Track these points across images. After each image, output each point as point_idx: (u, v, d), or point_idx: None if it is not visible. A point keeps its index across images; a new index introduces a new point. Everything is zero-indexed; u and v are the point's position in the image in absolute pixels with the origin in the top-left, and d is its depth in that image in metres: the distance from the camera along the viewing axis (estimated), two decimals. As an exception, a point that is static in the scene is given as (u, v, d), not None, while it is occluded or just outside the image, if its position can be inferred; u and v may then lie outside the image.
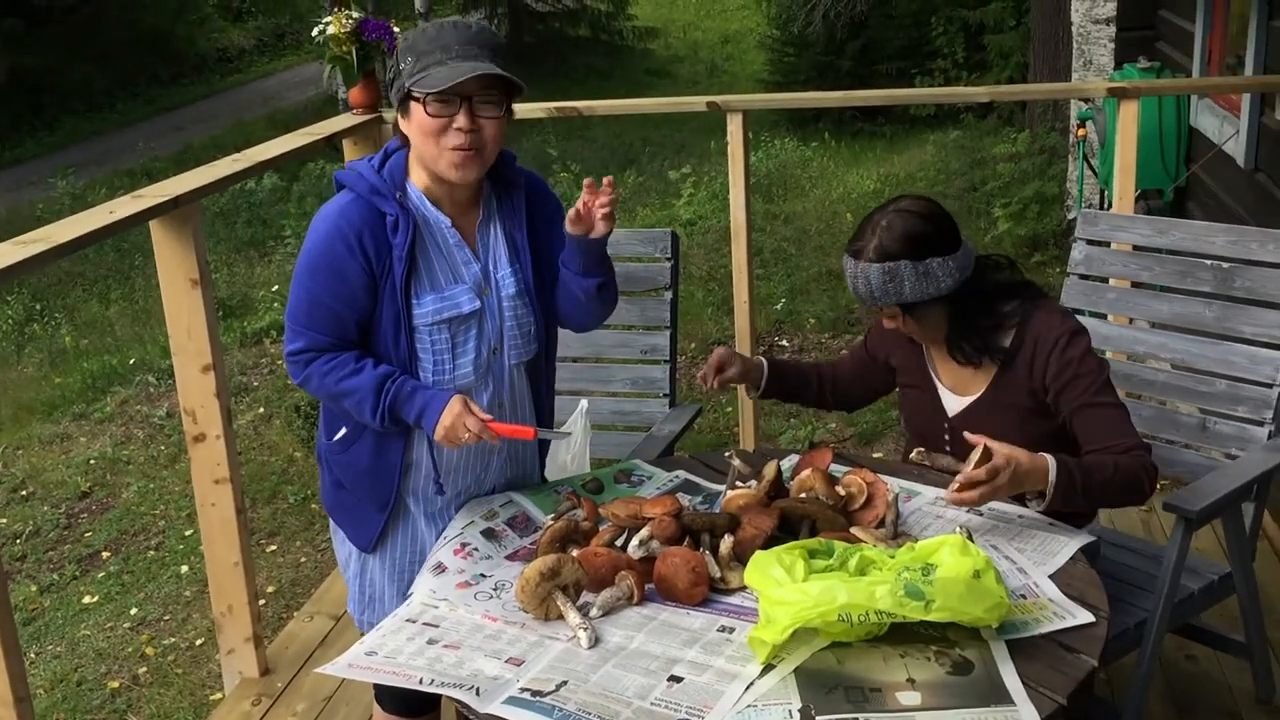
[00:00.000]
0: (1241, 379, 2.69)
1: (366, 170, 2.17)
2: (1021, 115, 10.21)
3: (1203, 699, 2.86)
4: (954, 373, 2.40)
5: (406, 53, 2.10)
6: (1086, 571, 1.99)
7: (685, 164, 10.18)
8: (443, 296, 2.17)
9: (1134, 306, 2.99)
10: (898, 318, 2.30)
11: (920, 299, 2.24)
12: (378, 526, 2.28)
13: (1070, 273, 3.01)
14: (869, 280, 2.24)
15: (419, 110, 2.08)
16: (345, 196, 2.17)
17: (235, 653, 3.17)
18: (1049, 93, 7.56)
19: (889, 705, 1.65)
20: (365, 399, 2.13)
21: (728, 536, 2.02)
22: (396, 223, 2.13)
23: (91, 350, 7.65)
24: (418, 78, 2.07)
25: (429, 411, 2.11)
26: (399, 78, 2.11)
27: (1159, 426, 2.84)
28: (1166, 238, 2.91)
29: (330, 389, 2.16)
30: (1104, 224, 3.05)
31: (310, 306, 2.15)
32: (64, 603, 4.60)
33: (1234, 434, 2.68)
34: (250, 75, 19.28)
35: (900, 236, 2.23)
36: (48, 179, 11.94)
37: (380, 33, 3.64)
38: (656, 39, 18.51)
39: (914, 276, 2.22)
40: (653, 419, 3.06)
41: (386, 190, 2.14)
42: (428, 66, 2.07)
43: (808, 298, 6.99)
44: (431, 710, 2.36)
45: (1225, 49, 5.33)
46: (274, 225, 9.88)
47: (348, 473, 2.28)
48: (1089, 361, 2.24)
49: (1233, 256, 2.76)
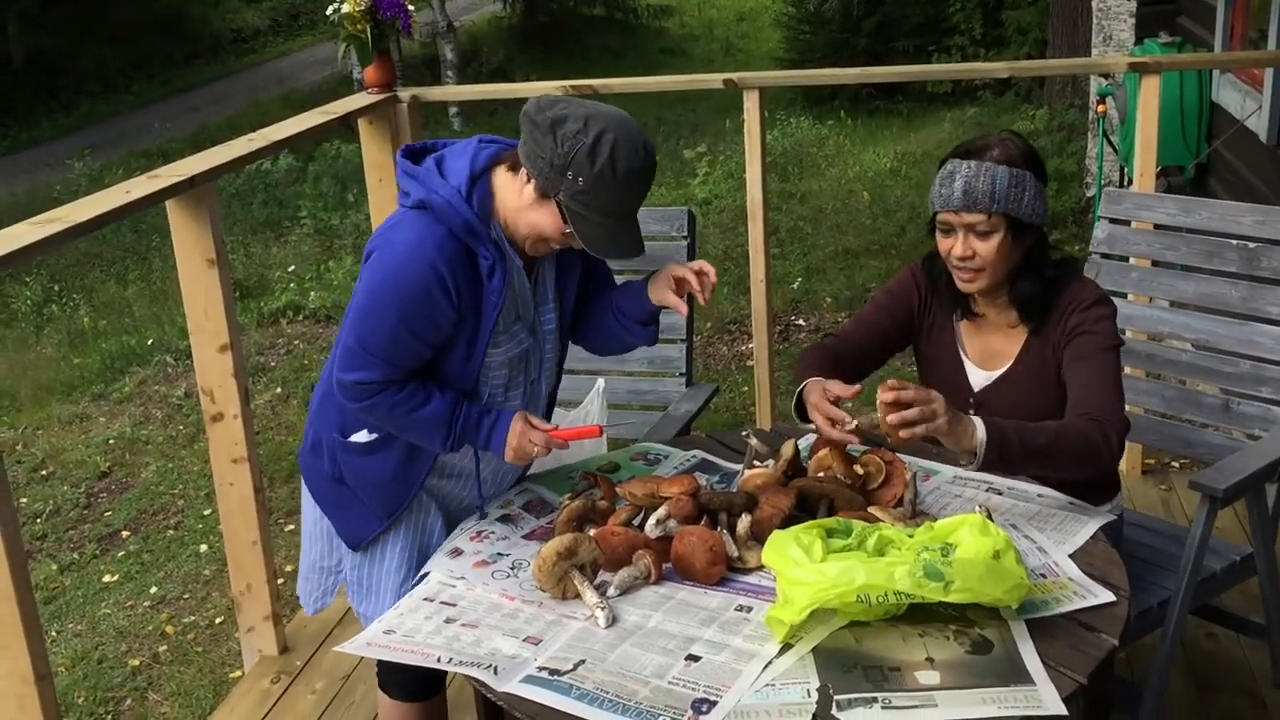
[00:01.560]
0: (1266, 359, 2.66)
1: (458, 202, 2.01)
2: (1040, 92, 10.13)
3: (1223, 678, 2.85)
4: (981, 345, 2.36)
5: (583, 171, 1.92)
6: (1107, 550, 1.98)
7: (700, 143, 10.14)
8: (511, 335, 2.14)
9: (1158, 286, 2.96)
10: (996, 232, 2.18)
11: (1029, 218, 2.19)
12: (373, 531, 2.24)
13: (1093, 252, 2.98)
14: (994, 180, 2.15)
15: (555, 218, 1.99)
16: (436, 229, 2.01)
17: (254, 631, 3.19)
18: (1069, 68, 7.49)
19: (908, 684, 1.64)
20: (436, 430, 2.09)
21: (745, 516, 2.02)
22: (493, 267, 2.05)
23: (110, 331, 7.68)
24: (579, 211, 1.96)
25: (495, 434, 2.10)
26: (557, 173, 1.94)
27: (1181, 407, 2.81)
28: (1192, 217, 2.88)
29: (399, 420, 2.09)
30: (1128, 203, 3.02)
31: (393, 340, 2.03)
32: (84, 581, 4.63)
33: (1258, 415, 2.66)
34: (265, 56, 19.25)
35: (1026, 151, 2.21)
36: (64, 160, 11.96)
37: (394, 11, 3.62)
38: (671, 17, 18.40)
39: (1034, 191, 2.19)
40: (669, 398, 3.05)
41: (481, 231, 2.03)
42: (593, 208, 1.96)
43: (824, 277, 6.96)
44: (435, 694, 2.36)
45: (1247, 23, 5.27)
46: (290, 206, 9.88)
47: (359, 475, 2.21)
48: (1104, 325, 2.21)
49: (1260, 236, 2.72)
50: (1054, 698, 1.61)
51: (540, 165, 1.97)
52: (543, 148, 1.96)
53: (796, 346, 6.06)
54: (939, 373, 2.42)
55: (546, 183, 1.97)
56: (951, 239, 2.22)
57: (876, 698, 1.62)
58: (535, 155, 1.97)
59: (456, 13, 17.83)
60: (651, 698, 1.66)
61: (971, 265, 2.22)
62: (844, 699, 1.62)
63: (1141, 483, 3.79)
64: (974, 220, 2.18)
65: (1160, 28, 6.35)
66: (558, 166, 1.95)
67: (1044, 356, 2.27)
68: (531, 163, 1.98)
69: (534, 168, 1.98)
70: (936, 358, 2.42)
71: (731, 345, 6.22)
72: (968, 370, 2.38)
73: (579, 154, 1.93)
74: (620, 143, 1.95)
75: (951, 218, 2.20)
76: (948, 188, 2.19)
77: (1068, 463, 2.07)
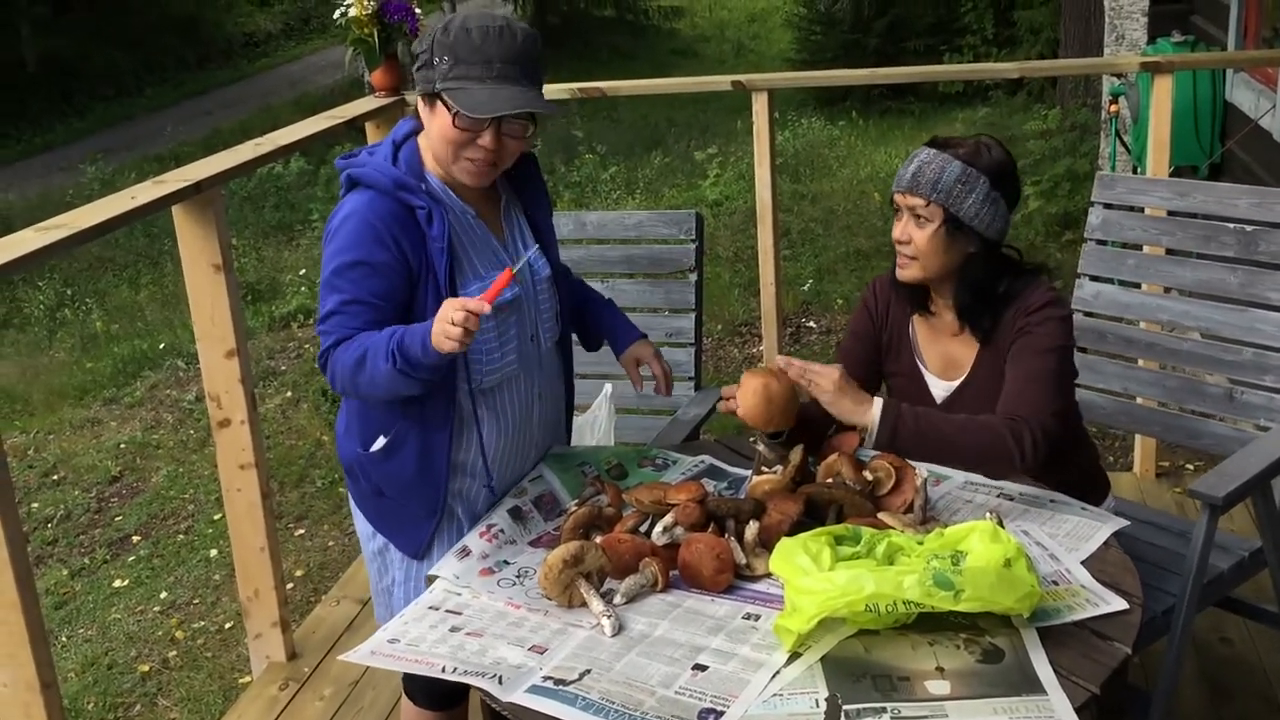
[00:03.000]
0: (1269, 347, 2.60)
1: (383, 165, 2.08)
2: (1052, 92, 10.08)
3: (1239, 683, 2.82)
4: (939, 356, 2.35)
5: (442, 48, 2.00)
6: (1120, 557, 1.95)
7: (711, 144, 10.12)
8: (487, 283, 2.10)
9: (1155, 273, 2.91)
10: (931, 222, 2.18)
11: (970, 221, 2.18)
12: (428, 531, 2.21)
13: (1088, 238, 2.93)
14: (943, 170, 2.17)
15: (444, 116, 2.03)
16: (365, 194, 2.08)
17: (262, 637, 3.18)
18: (1081, 68, 7.44)
19: (917, 694, 1.62)
20: (378, 349, 1.99)
21: (753, 522, 2.00)
22: (430, 214, 2.06)
23: (122, 335, 7.70)
24: (452, 87, 2.00)
25: (428, 330, 1.95)
26: (428, 69, 2.02)
27: (1184, 397, 2.76)
28: (1188, 201, 2.82)
29: (350, 360, 2.03)
30: (1122, 187, 2.96)
31: (345, 305, 2.05)
32: (95, 586, 4.63)
33: (1262, 404, 2.61)
34: (277, 60, 19.31)
35: (997, 159, 2.21)
36: (77, 165, 12.00)
37: (402, 14, 3.62)
38: (682, 19, 18.40)
39: (982, 196, 2.18)
40: (678, 403, 3.03)
41: (411, 183, 2.06)
42: (464, 79, 2.00)
43: (835, 278, 6.93)
44: (460, 703, 2.34)
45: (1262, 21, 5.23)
46: (301, 209, 9.89)
47: (391, 482, 2.20)
48: (1048, 327, 2.18)
49: (1257, 220, 2.67)
50: (1066, 707, 1.58)
51: (420, 78, 2.05)
52: (416, 65, 2.06)
53: (808, 348, 6.04)
54: (903, 388, 2.41)
55: (426, 85, 2.03)
56: (899, 220, 2.25)
57: (886, 708, 1.59)
58: (416, 77, 2.06)
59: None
60: (658, 708, 1.64)
61: (906, 250, 2.25)
62: (853, 709, 1.60)
63: (1156, 485, 3.76)
64: (914, 203, 2.20)
65: (1173, 27, 6.31)
66: (426, 62, 2.03)
67: (997, 365, 2.25)
68: (416, 85, 2.07)
69: (419, 85, 2.05)
70: (899, 373, 2.41)
71: (742, 348, 6.20)
72: (929, 382, 2.37)
73: (435, 40, 2.02)
74: (471, 16, 2.04)
75: (899, 198, 2.24)
76: (904, 169, 2.23)
77: (970, 458, 2.10)
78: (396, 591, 2.28)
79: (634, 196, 9.17)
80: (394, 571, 2.28)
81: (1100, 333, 2.85)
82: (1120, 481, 3.76)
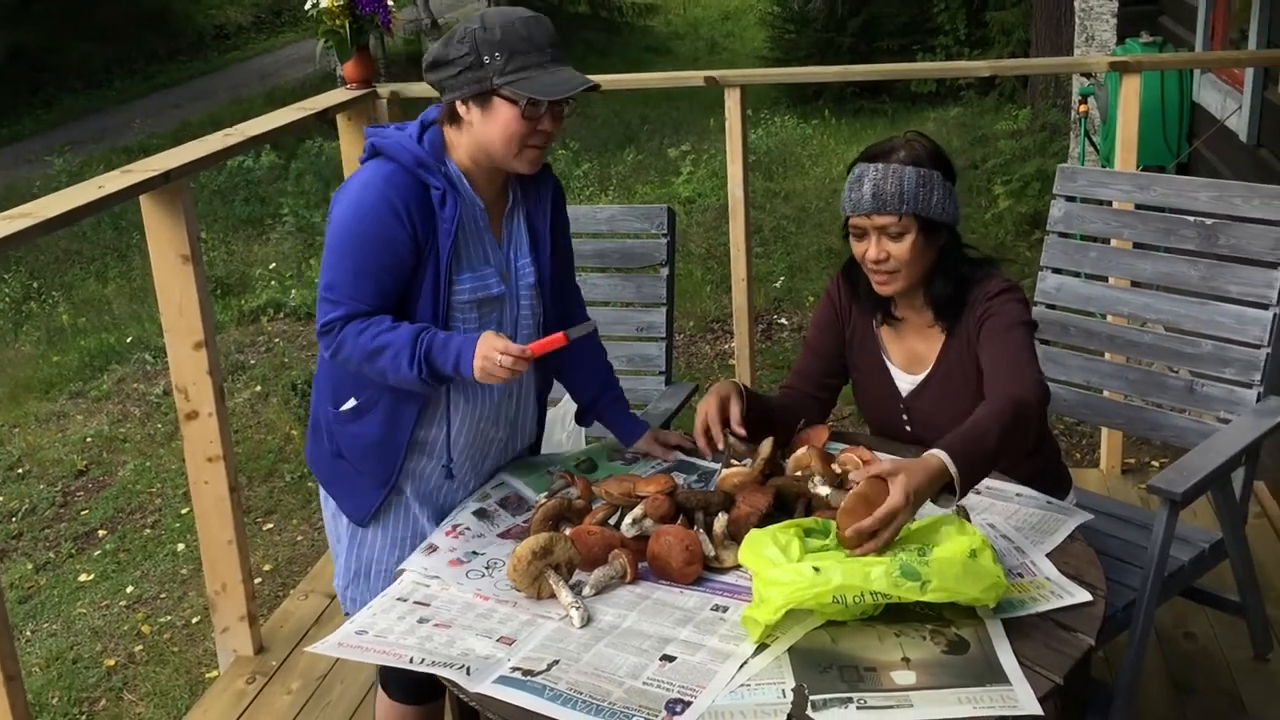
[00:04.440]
0: (1229, 340, 2.62)
1: (408, 141, 2.11)
2: (1023, 92, 10.15)
3: (1201, 677, 2.85)
4: (903, 351, 2.36)
5: (490, 45, 2.02)
6: (1084, 550, 1.98)
7: (685, 141, 10.12)
8: (477, 276, 2.16)
9: (1116, 265, 2.93)
10: (908, 233, 2.18)
11: (940, 217, 2.19)
12: (376, 501, 2.24)
13: (1050, 230, 2.95)
14: (902, 181, 2.15)
15: (507, 109, 2.05)
16: (385, 165, 2.10)
17: (229, 631, 3.16)
18: (1050, 67, 7.50)
19: (884, 685, 1.63)
20: (401, 351, 2.05)
21: (722, 515, 2.01)
22: (444, 196, 2.09)
23: (89, 328, 7.62)
24: (515, 78, 2.03)
25: (464, 353, 2.04)
26: (475, 70, 2.03)
27: (1146, 389, 2.78)
28: (1148, 194, 2.84)
29: (365, 346, 2.07)
30: (1083, 179, 2.98)
31: (355, 276, 2.08)
32: (60, 581, 4.59)
33: (1222, 396, 2.63)
34: (248, 52, 19.15)
35: (932, 151, 2.22)
36: (44, 157, 11.86)
37: (374, 6, 3.60)
38: (656, 15, 18.39)
39: (943, 191, 2.19)
40: (648, 397, 3.03)
41: (431, 164, 2.10)
42: (524, 69, 2.03)
43: (807, 275, 6.95)
44: (437, 698, 2.34)
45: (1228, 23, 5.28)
46: (272, 203, 9.82)
47: (353, 444, 2.23)
48: (1010, 306, 2.21)
49: (1216, 213, 2.69)
50: (1030, 698, 1.60)
51: (463, 80, 2.06)
52: (453, 68, 2.06)
53: (779, 345, 6.06)
54: (868, 382, 2.42)
55: (476, 85, 2.05)
56: (865, 243, 2.23)
57: (852, 698, 1.60)
58: (453, 80, 2.07)
59: (441, 9, 17.81)
60: (625, 698, 1.64)
61: (886, 268, 2.22)
62: (819, 699, 1.61)
63: (1122, 481, 3.79)
64: (885, 222, 2.18)
65: (1142, 28, 6.37)
66: (473, 64, 2.04)
67: (962, 355, 2.27)
68: (456, 89, 2.07)
69: (460, 89, 2.06)
70: (864, 367, 2.42)
71: (714, 344, 6.21)
72: (894, 376, 2.38)
73: (478, 39, 2.04)
74: (500, 10, 2.08)
75: (863, 221, 2.20)
76: (857, 192, 2.19)
77: (1016, 442, 2.01)
78: (342, 552, 2.33)
79: (607, 193, 9.16)
80: (342, 533, 2.32)
81: (1063, 325, 2.88)
82: (1087, 477, 3.79)
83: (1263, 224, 2.60)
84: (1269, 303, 2.57)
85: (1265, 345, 2.57)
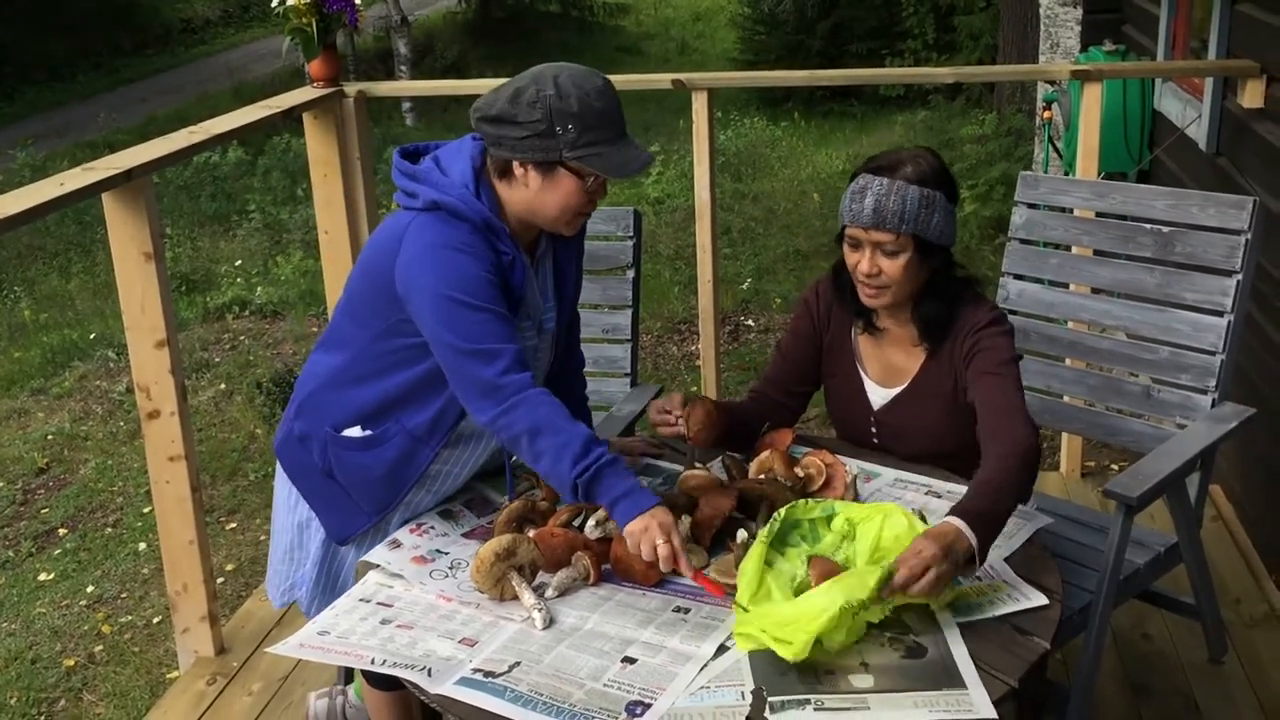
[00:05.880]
0: (1185, 346, 2.66)
1: (470, 199, 2.03)
2: (990, 97, 10.23)
3: (1157, 679, 2.88)
4: (881, 362, 2.35)
5: (565, 116, 1.96)
6: (1042, 553, 2.00)
7: (654, 142, 10.13)
8: (522, 334, 2.11)
9: (1076, 272, 2.96)
10: (903, 252, 2.16)
11: (937, 240, 2.18)
12: (364, 526, 2.21)
13: (1011, 237, 2.99)
14: (905, 199, 2.12)
15: (570, 182, 2.02)
16: (461, 226, 2.02)
17: (190, 631, 3.14)
18: (1013, 74, 7.56)
19: (842, 687, 1.65)
20: (569, 447, 1.93)
21: (685, 517, 2.02)
22: (513, 262, 2.05)
23: (51, 324, 7.54)
24: (585, 154, 1.98)
25: (627, 502, 1.91)
26: (545, 138, 1.97)
27: (1104, 395, 2.81)
28: (1107, 202, 2.87)
29: (543, 418, 1.95)
30: (1044, 187, 3.01)
31: (492, 322, 1.98)
32: (19, 580, 4.54)
33: (1179, 402, 2.67)
34: (216, 47, 19.00)
35: (939, 170, 2.19)
36: (7, 150, 11.72)
37: (341, 5, 3.58)
38: (627, 15, 18.39)
39: (944, 213, 2.17)
40: (613, 398, 3.04)
41: (499, 227, 2.04)
42: (597, 143, 1.99)
43: (774, 277, 6.98)
44: None
45: (1189, 33, 5.34)
46: (239, 199, 9.74)
47: (353, 472, 2.18)
48: (1002, 340, 2.20)
49: (1174, 220, 2.72)
50: (985, 701, 1.62)
51: (529, 145, 1.99)
52: (520, 130, 1.99)
53: (746, 347, 6.07)
54: (840, 391, 2.42)
55: (544, 154, 1.99)
56: (859, 254, 2.21)
57: (810, 699, 1.62)
58: (517, 141, 2.00)
59: (411, 7, 17.70)
60: (586, 700, 1.65)
61: (876, 282, 2.21)
62: (777, 700, 1.62)
63: (1081, 484, 3.83)
64: (882, 239, 2.16)
65: (1106, 36, 6.42)
66: (544, 131, 1.97)
67: (941, 378, 2.27)
68: (518, 151, 2.01)
69: (524, 153, 2.00)
70: (837, 376, 2.42)
71: (681, 345, 6.22)
72: (867, 389, 2.37)
73: (552, 108, 1.97)
74: (573, 76, 2.00)
75: (860, 234, 2.19)
76: (858, 203, 2.17)
77: (1018, 498, 1.99)
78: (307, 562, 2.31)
79: (576, 193, 9.16)
80: (309, 543, 2.29)
81: (1024, 331, 2.91)
82: (1047, 481, 3.83)
83: (1218, 232, 2.64)
84: (1224, 310, 2.61)
85: (1220, 352, 2.61)
